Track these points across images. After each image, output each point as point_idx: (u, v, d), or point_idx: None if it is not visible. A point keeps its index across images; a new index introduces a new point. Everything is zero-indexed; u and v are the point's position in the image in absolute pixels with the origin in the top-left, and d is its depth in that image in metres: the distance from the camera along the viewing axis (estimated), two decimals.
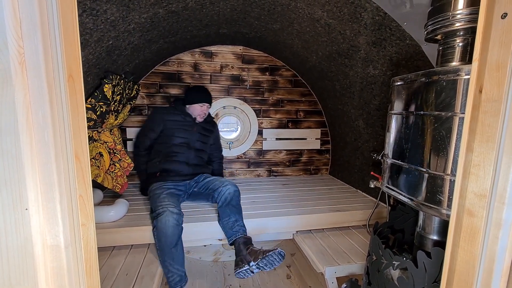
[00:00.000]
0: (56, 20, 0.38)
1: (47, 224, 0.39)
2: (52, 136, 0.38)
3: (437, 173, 0.93)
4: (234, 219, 1.72)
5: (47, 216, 0.39)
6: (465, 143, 0.57)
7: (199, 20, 1.87)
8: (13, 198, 0.36)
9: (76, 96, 0.42)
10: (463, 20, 0.94)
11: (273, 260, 1.53)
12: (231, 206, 1.76)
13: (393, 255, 1.07)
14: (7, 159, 0.36)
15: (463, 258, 0.56)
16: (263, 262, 1.50)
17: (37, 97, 0.37)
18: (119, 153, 2.06)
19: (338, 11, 1.54)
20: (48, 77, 0.38)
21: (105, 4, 1.16)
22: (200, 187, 2.00)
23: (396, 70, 1.66)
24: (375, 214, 1.96)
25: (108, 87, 1.67)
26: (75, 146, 0.42)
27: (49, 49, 0.38)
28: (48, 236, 0.39)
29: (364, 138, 2.30)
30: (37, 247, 0.38)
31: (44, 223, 0.39)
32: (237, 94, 2.71)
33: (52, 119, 0.38)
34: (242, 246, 1.61)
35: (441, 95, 0.91)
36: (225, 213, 1.74)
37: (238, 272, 1.54)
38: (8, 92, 0.35)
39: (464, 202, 0.57)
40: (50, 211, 0.39)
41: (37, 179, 0.38)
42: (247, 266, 1.51)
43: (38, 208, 0.38)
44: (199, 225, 1.77)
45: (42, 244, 0.39)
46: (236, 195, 1.81)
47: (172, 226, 1.53)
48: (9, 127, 0.35)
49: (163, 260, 1.54)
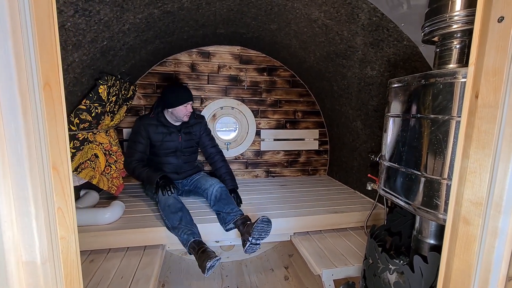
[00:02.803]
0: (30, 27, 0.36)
1: (21, 240, 0.37)
2: (26, 148, 0.37)
3: (433, 177, 0.92)
4: (229, 209, 1.81)
5: (21, 232, 0.37)
6: (461, 149, 0.56)
7: (195, 20, 1.85)
8: None
9: (54, 105, 0.41)
10: (460, 22, 0.92)
11: (262, 228, 1.62)
12: (222, 200, 1.86)
13: (389, 259, 1.06)
14: None
15: (459, 267, 0.55)
16: (255, 234, 1.60)
17: (8, 108, 0.35)
18: (114, 154, 2.04)
19: (335, 12, 1.53)
20: (21, 87, 0.36)
21: (98, 4, 1.14)
22: (190, 185, 2.15)
23: (393, 71, 1.65)
24: (372, 216, 1.95)
25: (103, 88, 1.65)
26: (52, 157, 0.40)
27: (22, 58, 0.36)
28: (23, 252, 0.38)
29: (362, 139, 2.29)
30: (10, 264, 0.36)
31: (18, 238, 0.37)
32: (235, 94, 2.69)
33: (26, 130, 0.37)
34: (241, 227, 1.70)
35: (438, 98, 0.89)
36: (220, 208, 1.83)
37: (245, 250, 1.64)
38: None
39: (460, 210, 0.55)
40: (25, 226, 0.37)
41: (10, 193, 0.36)
42: (248, 243, 1.61)
43: (11, 223, 0.36)
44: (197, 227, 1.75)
45: (17, 261, 0.37)
46: (223, 189, 1.93)
47: (172, 197, 1.76)
48: None
49: (172, 225, 1.65)
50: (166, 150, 2.08)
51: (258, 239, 1.61)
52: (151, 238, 1.72)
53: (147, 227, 1.72)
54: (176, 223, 1.65)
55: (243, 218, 1.74)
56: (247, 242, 1.61)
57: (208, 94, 2.63)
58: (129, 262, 1.59)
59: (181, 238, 1.62)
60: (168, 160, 2.11)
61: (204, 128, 2.28)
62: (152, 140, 2.05)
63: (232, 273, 2.39)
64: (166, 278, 2.09)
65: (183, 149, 2.14)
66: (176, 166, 2.14)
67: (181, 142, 2.11)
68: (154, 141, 2.04)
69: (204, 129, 2.28)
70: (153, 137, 2.04)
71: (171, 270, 2.17)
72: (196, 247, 1.56)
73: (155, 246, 1.75)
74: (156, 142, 2.05)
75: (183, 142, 2.13)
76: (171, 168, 2.12)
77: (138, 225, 1.72)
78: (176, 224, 1.65)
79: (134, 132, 2.05)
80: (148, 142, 2.05)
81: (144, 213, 1.90)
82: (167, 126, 2.07)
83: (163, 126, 2.05)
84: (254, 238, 1.60)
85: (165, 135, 2.05)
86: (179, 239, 1.64)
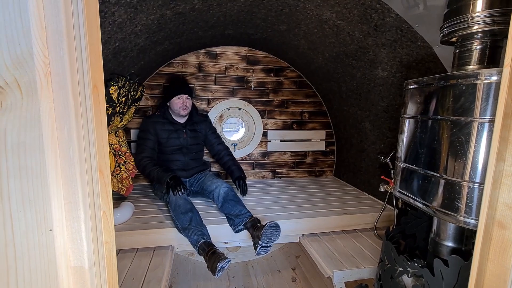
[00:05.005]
0: (82, 28, 0.35)
1: (71, 245, 0.37)
2: (77, 151, 0.36)
3: (455, 179, 0.91)
4: (237, 210, 1.79)
5: (71, 237, 0.37)
6: (495, 152, 0.55)
7: (205, 21, 1.85)
8: (37, 219, 0.34)
9: (100, 107, 0.40)
10: (481, 23, 0.91)
11: (271, 233, 1.62)
12: (229, 201, 1.85)
13: (407, 262, 1.05)
14: (31, 177, 0.34)
15: (493, 271, 0.54)
16: (265, 240, 1.61)
17: (62, 111, 0.34)
18: (124, 155, 2.04)
19: (347, 13, 1.52)
20: (73, 89, 0.35)
21: (113, 6, 1.14)
22: (197, 186, 2.14)
23: (406, 72, 1.64)
24: (382, 217, 1.94)
25: (114, 89, 1.65)
26: (99, 160, 0.40)
27: (74, 59, 0.35)
28: (72, 257, 0.37)
29: (370, 140, 2.28)
30: (61, 269, 0.36)
31: (68, 243, 0.37)
32: (242, 95, 2.68)
33: (77, 133, 0.36)
34: (251, 230, 1.70)
35: (460, 99, 0.88)
36: (227, 209, 1.82)
37: (257, 253, 1.64)
38: (34, 106, 0.32)
39: (494, 214, 0.54)
40: (74, 230, 0.37)
41: (62, 197, 0.36)
42: (259, 246, 1.62)
43: (62, 228, 0.36)
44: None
45: (66, 266, 0.36)
46: (230, 190, 1.92)
47: (182, 198, 1.76)
48: (34, 144, 0.33)
49: (182, 225, 1.65)
50: (172, 147, 2.11)
51: (268, 243, 1.62)
52: (161, 239, 1.72)
53: (156, 228, 1.71)
54: (186, 224, 1.65)
55: (252, 221, 1.74)
56: (258, 245, 1.62)
57: (215, 95, 2.63)
58: (139, 263, 1.58)
59: (191, 239, 1.62)
60: (175, 157, 2.12)
61: (210, 127, 2.33)
62: (158, 136, 2.07)
63: (239, 274, 2.39)
64: (174, 279, 2.08)
65: (189, 146, 2.17)
66: (183, 163, 2.15)
67: (186, 138, 2.15)
68: (161, 137, 2.08)
69: (210, 127, 2.33)
70: (160, 133, 2.07)
71: (178, 271, 2.17)
72: (206, 248, 1.55)
73: (165, 247, 1.74)
74: (162, 139, 2.08)
75: (188, 138, 2.16)
76: (178, 165, 2.13)
77: (148, 226, 1.72)
78: (186, 225, 1.65)
79: (142, 130, 2.09)
80: (156, 138, 2.08)
81: (154, 214, 1.89)
82: (173, 123, 2.12)
83: (169, 123, 2.11)
84: (265, 243, 1.60)
85: (171, 132, 2.10)
86: (189, 240, 1.63)
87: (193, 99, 2.58)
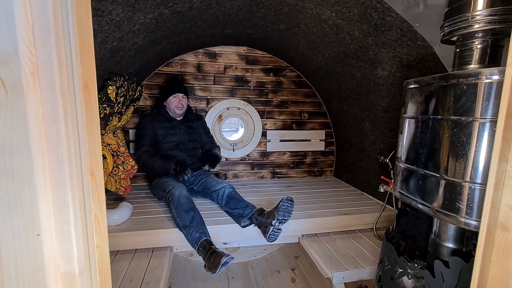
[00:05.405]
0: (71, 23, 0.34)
1: (60, 250, 0.35)
2: (67, 153, 0.35)
3: (455, 180, 0.90)
4: (244, 204, 1.82)
5: (60, 241, 0.35)
6: (497, 153, 0.54)
7: (204, 20, 1.83)
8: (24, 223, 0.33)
9: (91, 107, 0.39)
10: (482, 21, 0.90)
11: (286, 207, 1.64)
12: (233, 199, 1.88)
13: (407, 263, 1.04)
14: (17, 180, 0.32)
15: (496, 274, 0.53)
16: (280, 215, 1.62)
17: (50, 110, 0.33)
18: (122, 155, 2.03)
19: (347, 12, 1.51)
20: (62, 88, 0.34)
21: (111, 4, 1.13)
22: (199, 186, 2.14)
23: (406, 72, 1.63)
24: (382, 218, 1.93)
25: (112, 89, 1.63)
26: (90, 161, 0.39)
27: (63, 57, 0.34)
28: (61, 262, 0.36)
29: (370, 140, 2.27)
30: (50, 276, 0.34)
31: (57, 248, 0.35)
32: (241, 95, 2.67)
33: (66, 134, 0.35)
34: (260, 217, 1.72)
35: (461, 99, 0.87)
36: (232, 206, 1.84)
37: (268, 237, 1.65)
38: (19, 106, 0.31)
39: (497, 215, 0.53)
40: (64, 235, 0.35)
41: (50, 201, 0.34)
42: (271, 227, 1.63)
43: (50, 232, 0.34)
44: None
45: (55, 272, 0.35)
46: (233, 190, 1.96)
47: (184, 197, 1.75)
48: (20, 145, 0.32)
49: (183, 223, 1.64)
50: (170, 143, 2.14)
51: (282, 221, 1.64)
52: (160, 240, 1.71)
53: (155, 228, 1.70)
54: (188, 222, 1.65)
55: (260, 210, 1.78)
56: (269, 228, 1.63)
57: (214, 94, 2.62)
58: (138, 265, 1.57)
59: (192, 237, 1.61)
60: (173, 153, 2.14)
61: (203, 126, 2.40)
62: (156, 134, 2.10)
63: (238, 274, 2.37)
64: (172, 279, 2.07)
65: (186, 142, 2.20)
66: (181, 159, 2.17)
67: (183, 134, 2.19)
68: (158, 134, 2.11)
69: (203, 127, 2.40)
70: (157, 131, 2.10)
71: (177, 272, 2.16)
72: (207, 246, 1.56)
73: (164, 248, 1.73)
74: (160, 136, 2.11)
75: (185, 134, 2.20)
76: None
77: (146, 227, 1.70)
78: (188, 223, 1.65)
79: (140, 128, 2.14)
80: (154, 135, 2.11)
81: (152, 215, 1.88)
82: (170, 120, 2.16)
83: (166, 121, 2.15)
84: (279, 220, 1.62)
85: (168, 129, 2.14)
86: (189, 238, 1.62)
87: (192, 99, 2.57)
